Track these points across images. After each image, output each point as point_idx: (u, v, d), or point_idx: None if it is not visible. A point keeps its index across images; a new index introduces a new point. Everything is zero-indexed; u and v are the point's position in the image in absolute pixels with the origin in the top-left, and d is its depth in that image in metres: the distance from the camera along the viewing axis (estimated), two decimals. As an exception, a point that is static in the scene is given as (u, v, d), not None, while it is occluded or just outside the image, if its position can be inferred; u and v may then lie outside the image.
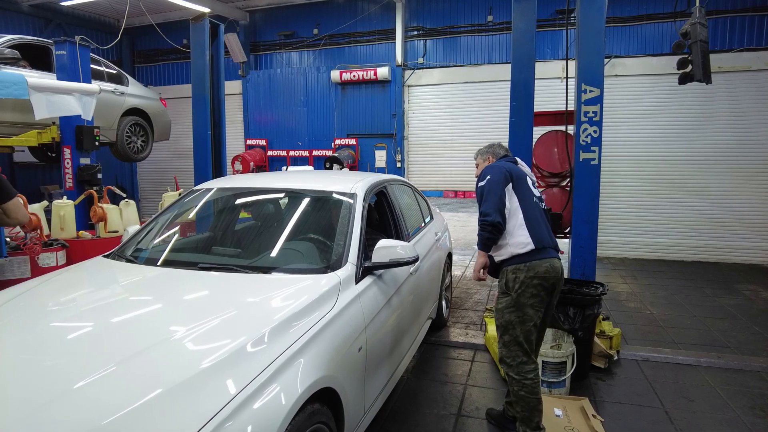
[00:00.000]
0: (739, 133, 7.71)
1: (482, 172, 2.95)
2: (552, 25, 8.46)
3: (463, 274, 7.08)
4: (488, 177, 2.85)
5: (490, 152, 3.20)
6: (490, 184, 2.83)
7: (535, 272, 2.72)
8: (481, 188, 2.87)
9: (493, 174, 2.84)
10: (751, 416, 3.24)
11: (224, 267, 2.61)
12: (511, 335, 2.76)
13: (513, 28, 4.19)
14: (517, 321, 2.74)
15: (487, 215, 2.75)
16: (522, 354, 2.74)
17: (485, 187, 2.84)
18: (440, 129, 9.36)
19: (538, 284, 2.72)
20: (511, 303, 2.75)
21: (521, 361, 2.74)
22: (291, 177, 3.82)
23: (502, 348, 2.81)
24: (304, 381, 1.83)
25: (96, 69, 7.10)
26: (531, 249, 2.73)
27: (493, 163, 3.03)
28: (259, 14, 10.28)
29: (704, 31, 3.85)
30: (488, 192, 2.80)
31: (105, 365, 1.68)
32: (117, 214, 5.51)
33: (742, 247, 7.84)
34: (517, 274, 2.74)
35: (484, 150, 3.23)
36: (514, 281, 2.74)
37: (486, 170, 2.92)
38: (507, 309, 2.77)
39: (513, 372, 2.76)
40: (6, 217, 3.17)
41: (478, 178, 3.01)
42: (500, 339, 2.83)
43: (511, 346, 2.76)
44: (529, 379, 2.72)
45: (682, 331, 4.83)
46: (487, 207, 2.77)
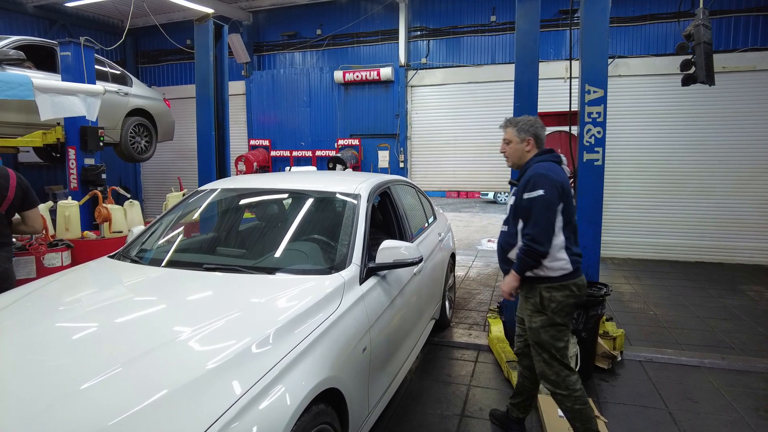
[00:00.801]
0: (743, 133, 7.68)
1: (533, 178, 2.55)
2: (555, 26, 8.45)
3: (467, 274, 7.08)
4: (541, 192, 2.50)
5: (531, 133, 2.73)
6: (544, 204, 2.50)
7: (570, 291, 2.60)
8: (530, 202, 2.53)
9: (548, 190, 2.49)
10: (756, 417, 3.24)
11: (229, 268, 2.62)
12: (549, 353, 2.63)
13: (516, 28, 4.19)
14: (554, 338, 2.61)
15: (538, 243, 2.49)
16: (564, 368, 2.62)
17: (536, 204, 2.50)
18: (443, 129, 9.36)
19: (573, 303, 2.63)
20: (547, 322, 2.60)
21: (565, 375, 2.61)
22: (294, 177, 3.84)
23: (543, 366, 2.65)
24: (309, 382, 1.84)
25: (100, 70, 7.13)
26: (569, 272, 2.59)
27: (544, 169, 2.58)
28: (263, 15, 10.30)
29: (708, 32, 3.84)
30: (540, 213, 2.49)
31: (111, 366, 1.69)
32: (121, 215, 5.54)
33: (747, 248, 7.82)
34: (552, 293, 2.58)
35: (525, 126, 2.74)
36: (550, 300, 2.58)
37: (539, 179, 2.53)
38: (543, 329, 2.61)
39: (560, 389, 2.61)
40: (23, 225, 3.21)
41: (521, 183, 2.63)
42: (539, 356, 2.66)
43: (553, 363, 2.63)
44: (578, 390, 2.60)
45: (685, 332, 4.82)
46: (538, 232, 2.49)
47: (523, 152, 2.77)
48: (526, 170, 2.70)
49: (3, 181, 3.04)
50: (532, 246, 2.50)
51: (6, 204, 3.04)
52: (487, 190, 15.52)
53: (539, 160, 2.70)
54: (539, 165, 2.64)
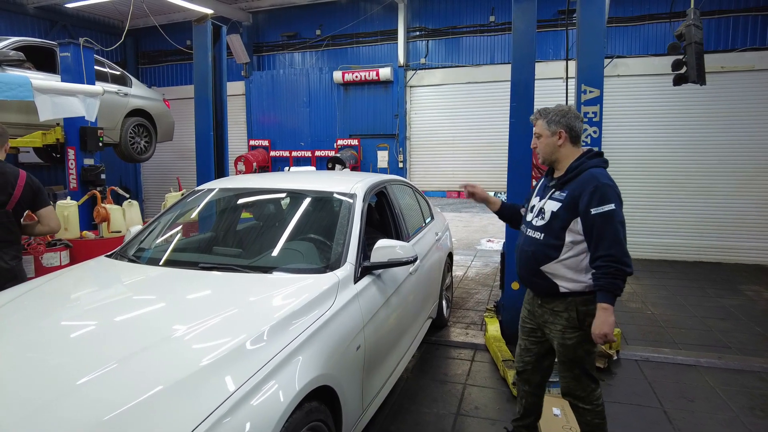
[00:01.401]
0: (742, 132, 7.69)
1: (601, 189, 2.23)
2: (554, 26, 8.46)
3: (465, 274, 7.09)
4: (613, 206, 2.21)
5: (563, 124, 2.40)
6: (617, 218, 2.21)
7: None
8: (603, 218, 2.21)
9: (617, 203, 2.24)
10: (751, 416, 3.25)
11: (225, 267, 2.64)
12: (581, 369, 2.43)
13: (513, 28, 4.20)
14: (587, 354, 2.41)
15: (625, 264, 2.19)
16: (591, 382, 2.45)
17: (609, 219, 2.20)
18: (442, 129, 9.37)
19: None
20: (583, 338, 2.36)
21: (591, 389, 2.45)
22: (292, 177, 3.86)
23: (572, 382, 2.45)
24: (302, 379, 1.85)
25: (100, 70, 7.15)
26: None
27: (607, 178, 2.29)
28: (262, 15, 10.33)
29: (699, 32, 3.85)
30: (616, 229, 2.20)
31: (107, 363, 1.72)
32: (120, 215, 5.56)
33: (746, 248, 7.82)
34: (589, 307, 2.32)
35: (556, 117, 2.41)
36: (586, 315, 2.33)
37: (607, 190, 2.24)
38: (580, 345, 2.38)
39: (584, 403, 2.46)
40: (40, 225, 3.26)
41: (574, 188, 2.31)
42: (569, 373, 2.45)
43: (583, 378, 2.44)
44: (600, 404, 2.48)
45: (683, 331, 4.83)
46: (622, 251, 2.19)
47: (555, 147, 2.43)
48: (578, 174, 2.34)
49: (11, 179, 3.10)
50: (621, 268, 2.18)
51: (13, 202, 3.08)
52: (488, 191, 15.49)
53: (594, 164, 2.36)
54: (597, 171, 2.31)
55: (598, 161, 2.38)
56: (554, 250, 2.36)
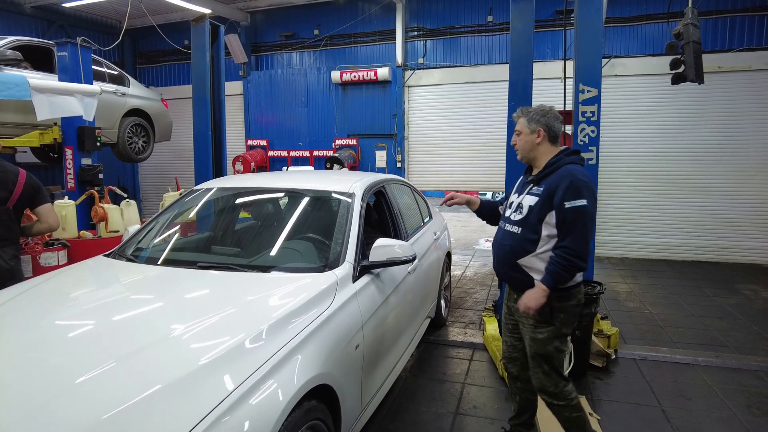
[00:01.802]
0: (739, 132, 7.71)
1: (575, 184, 2.30)
2: (552, 26, 8.47)
3: (464, 273, 7.09)
4: (584, 202, 2.29)
5: (543, 123, 2.47)
6: (589, 216, 2.30)
7: (577, 299, 2.48)
8: (574, 212, 2.29)
9: (590, 200, 2.31)
10: (748, 415, 3.26)
11: (224, 266, 2.64)
12: (550, 365, 2.48)
13: (511, 28, 4.21)
14: (557, 350, 2.47)
15: (582, 259, 2.29)
16: (561, 378, 2.51)
17: (580, 214, 2.28)
18: (441, 129, 9.38)
19: (578, 310, 2.51)
20: (555, 333, 2.44)
21: (563, 385, 2.50)
22: (290, 177, 3.85)
23: (543, 378, 2.50)
24: (300, 378, 1.85)
25: (97, 70, 7.14)
26: (581, 281, 2.48)
27: (582, 174, 2.36)
28: (260, 15, 10.32)
29: (696, 32, 3.86)
30: (584, 225, 2.29)
31: (105, 362, 1.71)
32: (118, 214, 5.55)
33: (743, 247, 7.84)
34: (563, 303, 2.41)
35: (536, 116, 2.49)
36: (560, 311, 2.42)
37: (581, 185, 2.30)
38: (549, 340, 2.45)
39: (558, 399, 2.49)
40: (39, 223, 3.26)
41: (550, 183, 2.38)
42: (539, 368, 2.50)
43: (552, 374, 2.49)
44: (574, 398, 2.51)
45: (680, 330, 4.84)
46: (583, 247, 2.29)
47: (533, 145, 2.50)
48: (555, 170, 2.41)
49: (12, 177, 3.12)
50: (575, 262, 2.28)
51: (13, 200, 3.09)
52: (485, 190, 15.53)
53: (571, 161, 2.43)
54: (574, 168, 2.38)
55: (575, 158, 2.46)
56: (531, 244, 2.43)
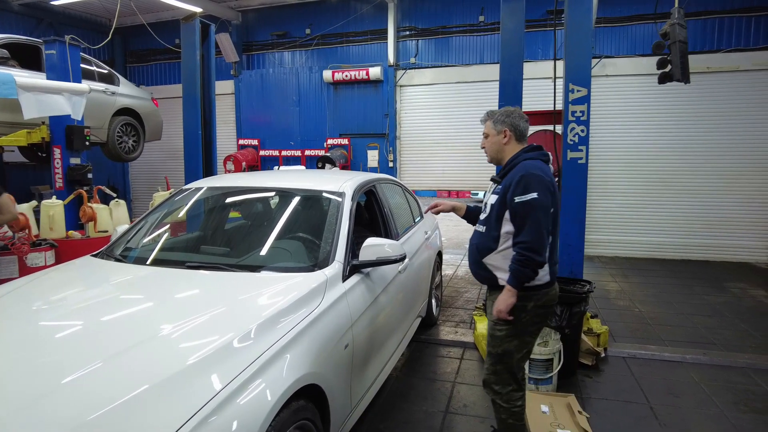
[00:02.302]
0: (728, 132, 7.79)
1: (523, 180, 2.30)
2: (543, 26, 8.51)
3: (455, 273, 7.11)
4: (535, 195, 2.26)
5: (508, 124, 2.50)
6: (540, 208, 2.27)
7: (543, 301, 2.42)
8: (523, 206, 2.28)
9: (542, 193, 2.27)
10: (735, 411, 3.29)
11: (213, 266, 2.62)
12: (505, 364, 2.46)
13: (502, 28, 4.22)
14: (515, 350, 2.44)
15: (536, 253, 2.26)
16: (513, 382, 2.48)
17: (530, 208, 2.27)
18: (432, 129, 9.39)
19: (543, 313, 2.46)
20: (513, 332, 2.42)
21: (512, 389, 2.48)
22: (280, 176, 3.84)
23: (492, 375, 2.51)
24: (289, 377, 1.85)
25: (87, 69, 7.07)
26: (546, 282, 2.42)
27: (536, 168, 2.34)
28: (252, 14, 10.28)
29: (683, 31, 3.90)
30: (536, 219, 2.26)
31: (92, 361, 1.70)
32: (107, 214, 5.51)
33: (732, 246, 7.93)
34: (525, 302, 2.39)
35: (501, 117, 2.53)
36: (521, 310, 2.39)
37: (531, 179, 2.29)
38: (507, 338, 2.43)
39: (501, 400, 2.49)
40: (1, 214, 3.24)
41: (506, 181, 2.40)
42: (491, 366, 2.51)
43: (503, 375, 2.48)
44: (518, 407, 2.49)
45: (669, 328, 4.88)
46: (536, 240, 2.25)
47: (501, 145, 2.53)
48: (513, 167, 2.42)
49: None
50: (530, 256, 2.26)
51: None
52: (477, 190, 15.60)
53: (528, 157, 2.43)
54: (529, 163, 2.38)
55: (534, 154, 2.46)
56: (493, 242, 2.46)
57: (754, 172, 7.75)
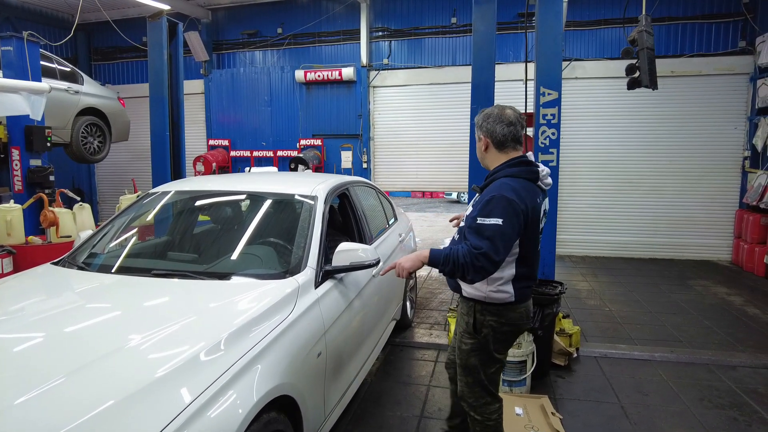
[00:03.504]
0: (692, 134, 8.03)
1: (491, 203, 2.08)
2: (515, 28, 8.61)
3: (429, 274, 7.12)
4: (500, 221, 2.03)
5: (484, 130, 2.27)
6: (499, 235, 2.02)
7: (507, 318, 2.27)
8: (482, 227, 2.05)
9: (506, 221, 2.04)
10: (700, 408, 3.38)
11: (179, 273, 2.54)
12: (475, 378, 2.37)
13: (473, 30, 4.24)
14: (482, 364, 2.34)
15: (479, 273, 2.03)
16: (486, 395, 2.38)
17: (491, 232, 2.02)
18: (406, 130, 9.40)
19: (509, 330, 2.31)
20: (477, 347, 2.32)
21: (485, 402, 2.39)
22: (251, 179, 3.76)
23: (465, 388, 2.42)
24: (260, 389, 1.80)
25: (47, 66, 6.80)
26: (509, 301, 2.25)
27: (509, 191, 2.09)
28: (222, 12, 10.09)
29: (650, 38, 4.00)
30: (493, 246, 2.01)
31: (52, 378, 1.61)
32: (70, 218, 5.31)
33: (695, 245, 8.18)
34: (486, 317, 2.28)
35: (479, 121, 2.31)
36: (483, 324, 2.28)
37: (499, 202, 2.06)
38: (473, 353, 2.33)
39: (475, 413, 2.40)
40: None
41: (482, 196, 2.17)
42: (463, 378, 2.42)
43: (475, 388, 2.38)
44: (493, 420, 2.39)
45: (638, 327, 4.99)
46: (487, 263, 2.01)
47: (482, 153, 2.33)
48: (492, 181, 2.22)
49: None
50: (480, 264, 2.01)
51: None
52: (450, 190, 15.73)
53: (509, 173, 2.19)
54: (505, 183, 2.14)
55: (516, 171, 2.19)
56: None
57: (717, 174, 8.02)
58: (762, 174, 7.27)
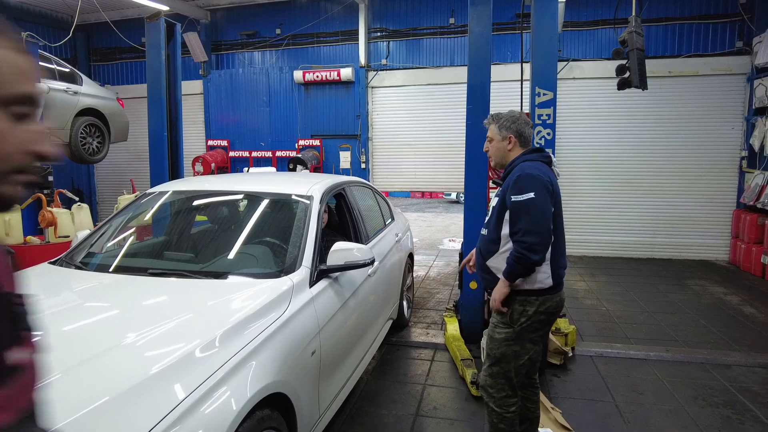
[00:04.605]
0: (689, 134, 8.05)
1: (519, 181, 2.30)
2: (512, 29, 8.63)
3: (427, 274, 7.14)
4: (532, 194, 2.25)
5: (513, 130, 2.50)
6: (538, 206, 2.24)
7: (545, 307, 2.38)
8: (518, 205, 2.27)
9: (539, 192, 2.26)
10: (694, 406, 3.40)
11: (176, 272, 2.56)
12: (502, 368, 2.44)
13: (469, 31, 4.26)
14: (513, 355, 2.42)
15: (533, 252, 2.23)
16: (508, 388, 2.46)
17: (526, 208, 2.25)
18: (404, 130, 9.42)
19: (545, 319, 2.40)
20: (512, 336, 2.40)
21: (506, 395, 2.46)
22: (248, 179, 3.78)
23: (488, 378, 2.49)
24: (253, 386, 1.82)
25: (46, 67, 6.82)
26: (549, 286, 2.38)
27: (532, 169, 2.34)
28: (221, 13, 10.11)
29: (640, 39, 4.02)
30: (533, 218, 2.24)
31: (48, 374, 1.63)
32: (68, 219, 5.33)
33: (693, 245, 8.20)
34: (525, 306, 2.37)
35: (506, 122, 2.52)
36: (521, 314, 2.38)
37: (528, 180, 2.29)
38: (506, 342, 2.41)
39: (494, 404, 2.47)
40: None
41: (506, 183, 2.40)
42: (488, 368, 2.49)
43: (499, 379, 2.46)
44: (511, 413, 2.45)
45: (634, 326, 5.01)
46: (532, 238, 2.22)
47: (505, 151, 2.53)
48: (512, 170, 2.44)
49: None
50: (526, 254, 2.23)
51: None
52: (449, 191, 15.74)
53: (526, 159, 2.46)
54: (526, 165, 2.40)
55: (533, 156, 2.47)
56: (494, 244, 2.47)
57: (714, 174, 8.04)
58: (759, 174, 7.29)
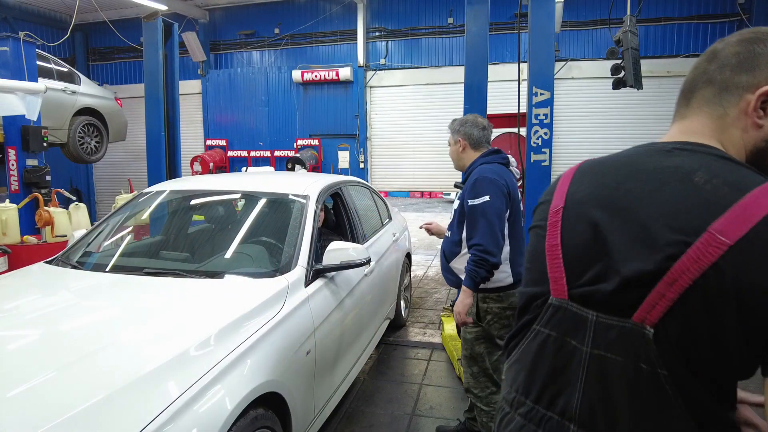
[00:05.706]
0: (686, 134, 8.05)
1: (476, 185, 2.37)
2: (511, 28, 8.64)
3: (425, 273, 7.14)
4: (486, 199, 2.31)
5: (462, 133, 2.58)
6: (491, 210, 2.30)
7: (509, 302, 2.43)
8: (474, 209, 2.34)
9: (493, 196, 2.31)
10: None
11: (172, 272, 2.56)
12: (480, 367, 2.51)
13: (466, 31, 4.26)
14: (486, 353, 2.49)
15: (490, 254, 2.26)
16: (492, 385, 2.50)
17: (481, 211, 2.31)
18: (403, 130, 9.43)
19: (511, 315, 2.43)
20: (482, 334, 2.48)
21: (491, 392, 2.50)
22: (245, 178, 3.79)
23: (470, 379, 2.55)
24: (247, 386, 1.82)
25: (44, 66, 6.83)
26: (509, 283, 2.43)
27: (489, 172, 2.40)
28: (219, 13, 10.11)
29: (635, 39, 4.03)
30: (488, 222, 2.29)
31: (44, 371, 1.64)
32: (65, 218, 5.33)
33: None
34: (489, 304, 2.44)
35: (456, 126, 2.63)
36: (486, 311, 2.44)
37: (483, 183, 2.35)
38: (477, 341, 2.50)
39: (482, 403, 2.52)
40: None
41: (466, 187, 2.47)
42: (468, 369, 2.56)
43: (480, 378, 2.51)
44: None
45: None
46: (488, 241, 2.27)
47: (458, 154, 2.63)
48: (471, 172, 2.51)
49: None
50: (482, 256, 2.27)
51: None
52: (448, 191, 15.76)
53: (484, 162, 2.51)
54: (484, 168, 2.45)
55: (491, 158, 2.54)
56: (456, 246, 2.54)
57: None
58: (757, 174, 7.30)
